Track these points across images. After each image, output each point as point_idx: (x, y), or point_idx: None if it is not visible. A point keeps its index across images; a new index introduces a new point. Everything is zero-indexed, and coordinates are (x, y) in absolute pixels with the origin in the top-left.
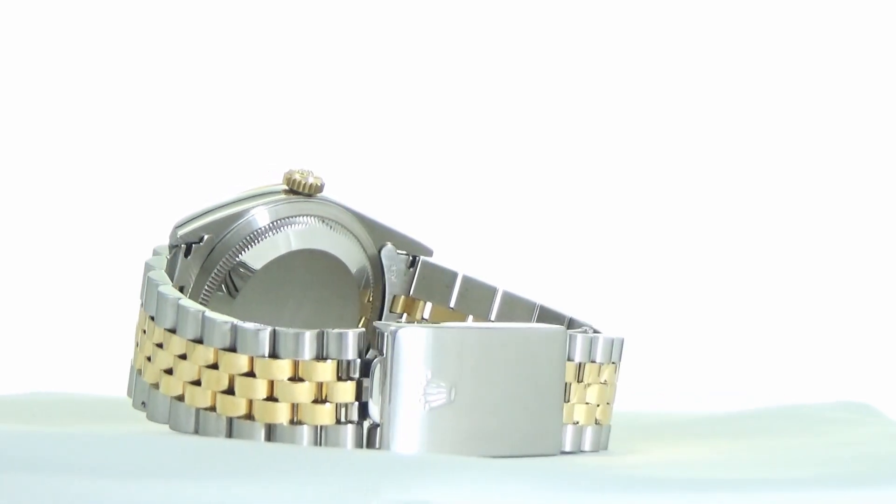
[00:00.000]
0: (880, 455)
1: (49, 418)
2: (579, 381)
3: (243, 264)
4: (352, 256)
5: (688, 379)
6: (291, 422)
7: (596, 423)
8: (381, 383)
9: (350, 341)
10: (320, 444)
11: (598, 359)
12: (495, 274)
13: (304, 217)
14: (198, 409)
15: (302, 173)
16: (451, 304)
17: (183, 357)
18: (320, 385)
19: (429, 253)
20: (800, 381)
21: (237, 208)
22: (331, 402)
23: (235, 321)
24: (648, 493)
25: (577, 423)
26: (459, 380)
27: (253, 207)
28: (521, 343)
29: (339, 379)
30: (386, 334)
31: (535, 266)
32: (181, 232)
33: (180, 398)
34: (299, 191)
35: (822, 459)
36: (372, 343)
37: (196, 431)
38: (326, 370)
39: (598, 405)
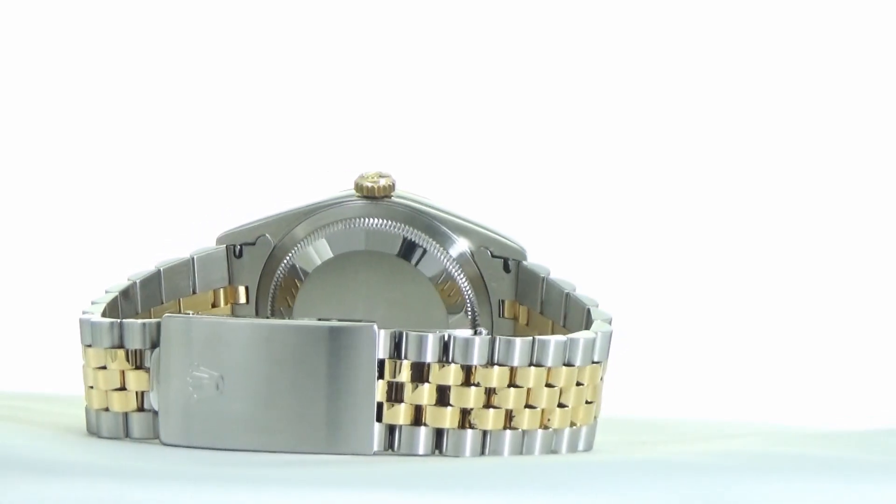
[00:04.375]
0: None
1: None
2: (423, 381)
3: (298, 267)
4: (426, 258)
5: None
6: (105, 409)
7: (470, 426)
8: (155, 372)
9: (145, 332)
10: (126, 431)
11: (475, 360)
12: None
13: (362, 220)
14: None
15: (373, 178)
16: (541, 309)
17: None
18: (122, 373)
19: (522, 255)
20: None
21: (296, 211)
22: (129, 390)
23: (84, 315)
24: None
25: (428, 425)
26: (230, 372)
27: (314, 211)
28: (310, 339)
29: (137, 368)
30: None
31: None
32: (221, 234)
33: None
34: (370, 195)
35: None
36: None
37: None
38: (123, 359)
39: (473, 408)
